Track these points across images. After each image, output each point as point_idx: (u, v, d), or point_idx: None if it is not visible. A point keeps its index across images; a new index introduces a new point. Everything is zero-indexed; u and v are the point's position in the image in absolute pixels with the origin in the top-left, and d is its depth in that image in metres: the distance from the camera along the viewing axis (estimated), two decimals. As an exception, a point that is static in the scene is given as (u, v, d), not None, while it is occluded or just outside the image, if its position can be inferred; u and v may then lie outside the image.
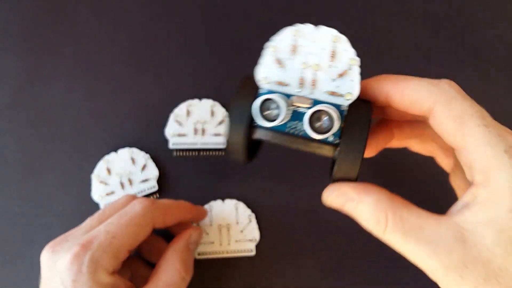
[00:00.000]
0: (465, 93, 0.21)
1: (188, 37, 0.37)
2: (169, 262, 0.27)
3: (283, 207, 0.34)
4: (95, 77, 0.36)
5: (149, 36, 0.37)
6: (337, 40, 0.22)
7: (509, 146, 0.20)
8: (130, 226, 0.25)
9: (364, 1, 0.38)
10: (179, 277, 0.26)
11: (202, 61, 0.37)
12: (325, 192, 0.24)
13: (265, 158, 0.34)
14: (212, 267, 0.32)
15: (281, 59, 0.22)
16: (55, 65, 0.37)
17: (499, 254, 0.19)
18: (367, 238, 0.33)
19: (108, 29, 0.37)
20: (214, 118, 0.35)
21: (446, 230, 0.20)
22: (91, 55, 0.37)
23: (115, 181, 0.33)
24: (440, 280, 0.21)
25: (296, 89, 0.22)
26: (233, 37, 0.37)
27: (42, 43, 0.37)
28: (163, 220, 0.27)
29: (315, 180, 0.34)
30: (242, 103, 0.22)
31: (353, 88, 0.22)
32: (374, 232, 0.22)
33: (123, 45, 0.37)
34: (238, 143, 0.22)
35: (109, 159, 0.33)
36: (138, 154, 0.34)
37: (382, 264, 0.32)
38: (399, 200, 0.22)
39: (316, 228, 0.33)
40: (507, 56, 0.37)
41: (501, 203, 0.19)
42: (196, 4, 0.38)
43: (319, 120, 0.21)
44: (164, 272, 0.26)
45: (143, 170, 0.33)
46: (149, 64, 0.37)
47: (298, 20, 0.23)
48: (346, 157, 0.21)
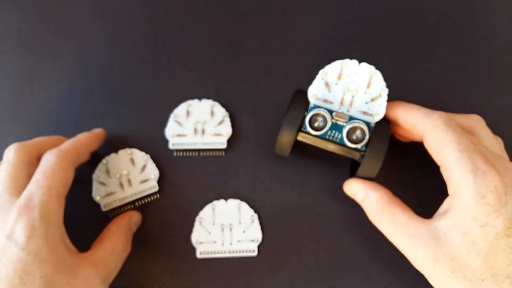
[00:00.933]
0: (451, 124, 0.27)
1: (188, 37, 0.37)
2: (114, 233, 0.30)
3: (285, 208, 0.34)
4: (95, 78, 0.36)
5: (149, 36, 0.37)
6: (374, 74, 0.28)
7: (476, 167, 0.25)
8: (57, 174, 0.27)
9: (362, 4, 0.38)
10: (121, 247, 0.29)
11: (202, 61, 0.37)
12: (346, 182, 0.31)
13: (269, 159, 0.34)
14: (213, 266, 0.32)
15: (329, 82, 0.29)
16: (55, 66, 0.36)
17: (463, 253, 0.25)
18: (368, 239, 0.33)
19: (108, 29, 0.37)
20: (214, 118, 0.35)
21: (425, 229, 0.26)
22: (91, 55, 0.37)
23: (114, 181, 0.33)
24: (419, 267, 0.27)
25: (337, 106, 0.29)
26: (233, 37, 0.37)
27: (42, 44, 0.37)
28: (78, 157, 0.30)
29: (318, 182, 0.34)
30: (295, 112, 0.29)
31: (381, 111, 0.29)
32: (372, 220, 0.29)
33: (123, 45, 0.37)
34: (288, 142, 0.29)
35: (109, 160, 0.33)
36: (137, 155, 0.34)
37: (383, 264, 0.33)
38: (396, 201, 0.28)
39: (318, 229, 0.33)
40: (507, 55, 0.37)
41: (467, 212, 0.25)
42: (196, 4, 0.38)
43: (354, 132, 0.28)
44: (109, 241, 0.29)
45: (143, 171, 0.33)
46: (149, 64, 0.37)
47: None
48: (370, 162, 0.28)
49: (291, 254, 0.33)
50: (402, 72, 0.37)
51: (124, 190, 0.33)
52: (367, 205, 0.29)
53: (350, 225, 0.33)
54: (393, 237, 0.27)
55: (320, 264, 0.33)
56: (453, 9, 0.38)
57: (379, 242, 0.30)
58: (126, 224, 0.31)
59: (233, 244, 0.32)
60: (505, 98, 0.36)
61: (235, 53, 0.37)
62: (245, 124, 0.35)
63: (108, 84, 0.36)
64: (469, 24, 0.38)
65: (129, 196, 0.33)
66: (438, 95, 0.36)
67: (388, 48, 0.37)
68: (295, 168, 0.34)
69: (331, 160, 0.34)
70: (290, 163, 0.35)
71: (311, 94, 0.29)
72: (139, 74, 0.36)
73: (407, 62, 0.37)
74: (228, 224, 0.33)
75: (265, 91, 0.36)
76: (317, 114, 0.28)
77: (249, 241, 0.33)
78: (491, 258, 0.24)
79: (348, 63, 0.29)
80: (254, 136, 0.35)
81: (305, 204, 0.34)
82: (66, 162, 0.28)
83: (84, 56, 0.37)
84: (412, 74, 0.37)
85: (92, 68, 0.36)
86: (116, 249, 0.29)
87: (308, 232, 0.33)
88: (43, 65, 0.36)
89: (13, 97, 0.36)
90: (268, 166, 0.34)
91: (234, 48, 0.37)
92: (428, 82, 0.36)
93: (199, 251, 0.32)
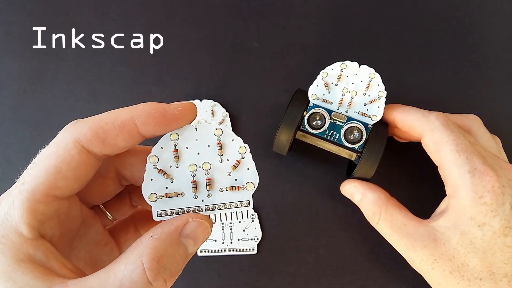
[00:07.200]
0: (448, 124, 0.27)
1: (189, 37, 0.38)
2: (135, 251, 0.17)
3: (285, 207, 0.34)
4: (97, 79, 0.37)
5: (150, 37, 0.38)
6: (373, 76, 0.29)
7: (474, 168, 0.25)
8: (43, 160, 0.18)
9: (362, 4, 0.39)
10: (141, 278, 0.16)
11: (202, 61, 0.37)
12: (343, 184, 0.30)
13: (269, 159, 0.35)
14: (214, 264, 0.33)
15: (329, 83, 0.29)
16: (57, 67, 0.37)
17: (461, 253, 0.25)
18: (366, 237, 0.33)
19: (109, 30, 0.38)
20: (214, 118, 0.35)
21: (423, 230, 0.26)
22: (92, 56, 0.37)
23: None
24: (417, 267, 0.27)
25: (336, 107, 0.29)
26: (233, 37, 0.38)
27: (44, 45, 0.37)
28: (94, 133, 0.18)
29: (317, 182, 0.34)
30: (295, 110, 0.29)
31: (379, 113, 0.29)
32: (370, 221, 0.28)
33: (124, 46, 0.37)
34: (286, 139, 0.29)
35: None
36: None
37: (381, 262, 0.33)
38: (393, 202, 0.28)
39: (317, 228, 0.33)
40: (506, 55, 0.37)
41: (465, 212, 0.25)
42: (196, 4, 0.38)
43: (352, 133, 0.29)
44: (123, 263, 0.17)
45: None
46: (150, 65, 0.37)
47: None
48: (366, 163, 0.28)
49: (291, 252, 0.33)
50: (401, 73, 0.37)
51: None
52: (364, 206, 0.29)
53: (349, 223, 0.34)
54: (391, 237, 0.27)
55: (319, 262, 0.33)
56: (451, 11, 0.38)
57: (378, 241, 0.31)
58: (169, 236, 0.18)
59: (233, 242, 0.33)
60: (503, 98, 0.36)
61: (236, 53, 0.37)
62: (245, 124, 0.36)
63: (109, 85, 0.36)
64: (467, 25, 0.38)
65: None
66: (437, 95, 0.36)
67: (387, 49, 0.37)
68: (295, 168, 0.35)
69: (330, 160, 0.34)
70: (289, 163, 0.35)
71: (311, 94, 0.29)
72: (140, 74, 0.37)
73: (405, 62, 0.37)
74: (228, 223, 0.33)
75: (265, 91, 0.36)
76: (316, 113, 0.29)
77: (249, 240, 0.33)
78: (489, 257, 0.24)
79: (349, 64, 0.29)
80: (254, 136, 0.35)
81: (304, 203, 0.34)
82: (66, 142, 0.18)
83: (86, 58, 0.37)
84: (410, 74, 0.37)
85: (94, 69, 0.37)
86: (128, 280, 0.16)
87: (307, 231, 0.33)
88: (45, 67, 0.37)
89: (16, 98, 0.36)
90: (268, 166, 0.35)
91: (235, 49, 0.37)
92: (427, 82, 0.37)
93: (199, 249, 0.33)
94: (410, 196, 0.32)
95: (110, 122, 0.18)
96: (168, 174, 0.20)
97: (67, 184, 0.18)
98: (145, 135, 0.19)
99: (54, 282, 0.16)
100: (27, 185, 0.17)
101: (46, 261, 0.17)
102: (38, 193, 0.17)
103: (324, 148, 0.30)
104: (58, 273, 0.17)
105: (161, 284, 0.17)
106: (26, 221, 0.17)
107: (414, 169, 0.34)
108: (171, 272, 0.17)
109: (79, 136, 0.18)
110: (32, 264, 0.16)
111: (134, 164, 0.21)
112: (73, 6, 0.38)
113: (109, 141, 0.18)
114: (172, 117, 0.19)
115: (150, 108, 0.19)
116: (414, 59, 0.37)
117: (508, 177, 0.25)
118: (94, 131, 0.18)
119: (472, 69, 0.37)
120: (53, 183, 0.17)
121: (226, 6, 0.38)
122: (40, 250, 0.17)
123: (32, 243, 0.17)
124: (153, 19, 0.38)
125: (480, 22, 0.38)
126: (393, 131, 0.31)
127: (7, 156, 0.35)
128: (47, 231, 0.18)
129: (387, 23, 0.38)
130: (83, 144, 0.18)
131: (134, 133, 0.19)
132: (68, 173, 0.18)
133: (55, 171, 0.18)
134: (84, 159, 0.18)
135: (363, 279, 0.33)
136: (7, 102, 0.36)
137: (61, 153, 0.18)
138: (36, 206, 0.17)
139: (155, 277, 0.16)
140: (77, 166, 0.18)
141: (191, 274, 0.33)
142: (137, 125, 0.18)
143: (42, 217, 0.17)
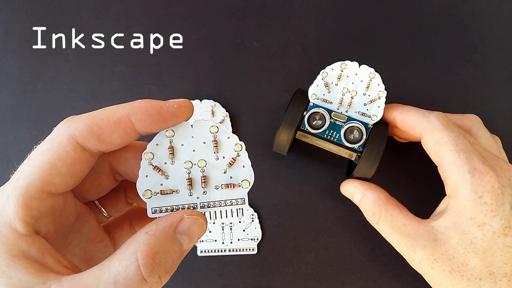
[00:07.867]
0: (448, 124, 0.27)
1: (188, 37, 0.38)
2: (130, 247, 0.17)
3: (285, 207, 0.34)
4: (97, 78, 0.37)
5: (150, 37, 0.38)
6: (373, 76, 0.29)
7: (473, 168, 0.25)
8: (38, 156, 0.18)
9: (362, 4, 0.39)
10: (135, 275, 0.16)
11: (202, 61, 0.37)
12: (343, 184, 0.30)
13: (269, 159, 0.35)
14: (214, 264, 0.33)
15: (329, 83, 0.29)
16: (57, 67, 0.37)
17: (461, 253, 0.25)
18: (366, 237, 0.33)
19: (109, 30, 0.38)
20: (214, 118, 0.35)
21: (423, 230, 0.26)
22: (92, 56, 0.37)
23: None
24: (417, 267, 0.27)
25: (336, 107, 0.29)
26: (233, 37, 0.38)
27: (44, 45, 0.37)
28: (90, 130, 0.18)
29: (317, 182, 0.34)
30: (295, 110, 0.29)
31: (379, 112, 0.29)
32: (370, 221, 0.28)
33: (124, 46, 0.37)
34: (286, 139, 0.29)
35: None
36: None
37: (381, 262, 0.33)
38: (393, 202, 0.28)
39: (317, 228, 0.34)
40: (506, 55, 0.37)
41: (464, 212, 0.25)
42: (196, 4, 0.38)
43: (352, 133, 0.29)
44: (118, 259, 0.16)
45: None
46: (150, 65, 0.37)
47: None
48: (366, 163, 0.28)
49: (291, 252, 0.33)
50: (401, 73, 0.37)
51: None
52: (364, 206, 0.29)
53: (349, 223, 0.34)
54: (391, 237, 0.27)
55: (319, 262, 0.33)
56: (451, 10, 0.38)
57: (378, 241, 0.31)
58: (163, 232, 0.18)
59: (233, 242, 0.33)
60: (503, 98, 0.36)
61: (236, 53, 0.37)
62: (245, 124, 0.36)
63: (109, 85, 0.36)
64: (467, 25, 0.38)
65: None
66: (437, 95, 0.36)
67: (387, 49, 0.37)
68: (295, 168, 0.35)
69: (330, 160, 0.34)
70: (289, 163, 0.35)
71: (311, 94, 0.29)
72: (140, 74, 0.37)
73: (405, 62, 0.37)
74: (228, 223, 0.33)
75: (265, 91, 0.36)
76: (316, 113, 0.29)
77: (249, 240, 0.33)
78: (489, 257, 0.24)
79: (349, 64, 0.29)
80: (254, 136, 0.35)
81: (304, 203, 0.34)
82: (61, 138, 0.18)
83: (86, 58, 0.37)
84: (410, 74, 0.37)
85: (94, 69, 0.37)
86: (123, 276, 0.16)
87: (307, 231, 0.33)
88: (46, 67, 0.37)
89: (17, 98, 0.36)
90: (268, 166, 0.35)
91: (235, 49, 0.37)
92: (427, 82, 0.37)
93: (199, 249, 0.33)
94: (410, 196, 0.32)
95: (105, 118, 0.18)
96: (163, 171, 0.20)
97: (62, 180, 0.18)
98: (141, 132, 0.19)
99: (49, 278, 0.16)
100: (21, 181, 0.17)
101: (41, 257, 0.17)
102: (32, 189, 0.17)
103: (324, 148, 0.30)
104: (52, 269, 0.17)
105: (155, 281, 0.16)
106: (21, 217, 0.17)
107: (414, 169, 0.34)
108: (166, 269, 0.17)
109: (74, 133, 0.18)
110: (27, 260, 0.16)
111: (129, 160, 0.21)
112: (73, 6, 0.38)
113: (105, 138, 0.18)
114: (168, 115, 0.19)
115: (146, 105, 0.18)
116: (414, 59, 0.37)
117: (508, 177, 0.25)
118: (90, 128, 0.18)
119: (472, 69, 0.37)
120: (48, 179, 0.18)
121: (226, 6, 0.38)
122: (34, 246, 0.17)
123: (26, 239, 0.17)
124: (153, 19, 0.38)
125: (480, 22, 0.38)
126: (393, 131, 0.31)
127: (7, 156, 0.35)
128: (42, 227, 0.18)
129: (387, 23, 0.38)
130: (78, 140, 0.18)
131: (129, 130, 0.19)
132: (63, 169, 0.18)
133: (50, 167, 0.18)
134: (79, 156, 0.18)
135: (363, 279, 0.33)
136: (7, 102, 0.36)
137: (56, 149, 0.18)
138: (30, 202, 0.17)
139: (150, 273, 0.16)
140: (72, 163, 0.18)
141: (191, 274, 0.33)
142: (132, 122, 0.18)
143: (36, 213, 0.17)
